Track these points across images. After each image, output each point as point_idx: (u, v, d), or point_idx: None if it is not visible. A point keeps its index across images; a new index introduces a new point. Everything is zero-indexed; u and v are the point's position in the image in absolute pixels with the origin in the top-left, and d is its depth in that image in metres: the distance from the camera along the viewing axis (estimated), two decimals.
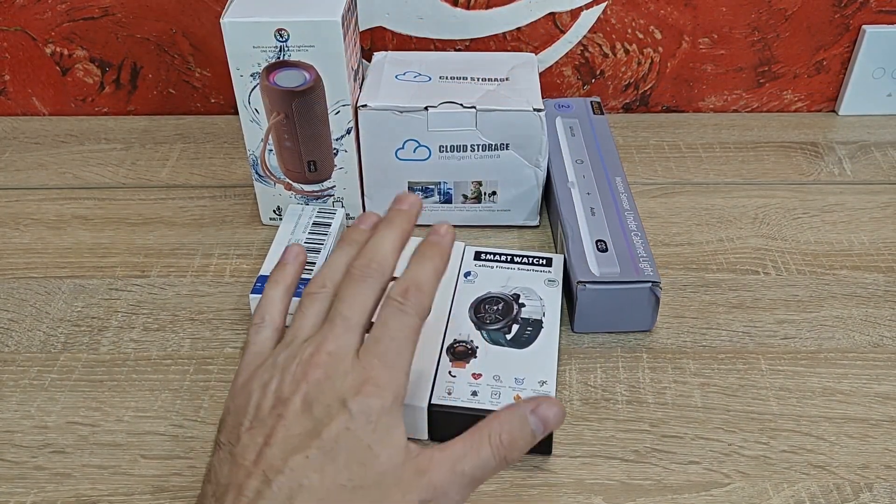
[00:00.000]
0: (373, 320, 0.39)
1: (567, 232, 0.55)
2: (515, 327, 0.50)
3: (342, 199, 0.62)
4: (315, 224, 0.60)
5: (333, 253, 0.42)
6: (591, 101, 0.70)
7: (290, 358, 0.37)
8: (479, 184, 0.61)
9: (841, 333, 0.54)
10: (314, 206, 0.62)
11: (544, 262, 0.55)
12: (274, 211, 0.63)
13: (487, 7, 0.72)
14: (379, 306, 0.39)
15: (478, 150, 0.59)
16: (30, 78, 0.77)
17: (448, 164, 0.60)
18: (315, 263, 0.56)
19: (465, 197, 0.62)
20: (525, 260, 0.56)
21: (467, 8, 0.72)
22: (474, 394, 0.46)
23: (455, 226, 0.63)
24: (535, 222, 0.63)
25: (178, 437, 0.47)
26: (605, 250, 0.53)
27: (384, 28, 0.74)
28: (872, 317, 0.55)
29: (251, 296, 0.53)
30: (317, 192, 0.62)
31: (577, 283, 0.52)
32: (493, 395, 0.46)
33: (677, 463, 0.46)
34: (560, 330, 0.51)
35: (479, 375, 0.47)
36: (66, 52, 0.76)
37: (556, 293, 0.53)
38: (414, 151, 0.59)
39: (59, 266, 0.60)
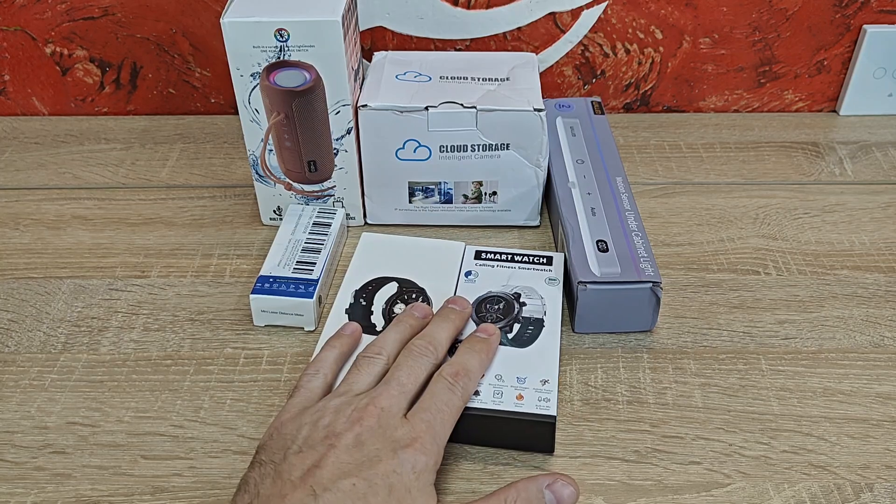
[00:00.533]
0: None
1: (568, 232, 0.55)
2: (517, 326, 0.50)
3: (342, 199, 0.62)
4: (315, 224, 0.60)
5: (389, 329, 0.48)
6: (592, 101, 0.70)
7: (345, 404, 0.41)
8: (480, 184, 0.61)
9: (842, 333, 0.54)
10: (314, 206, 0.62)
11: (545, 260, 0.55)
12: (274, 211, 0.63)
13: (488, 7, 0.72)
14: (430, 382, 0.44)
15: (478, 150, 0.59)
16: (30, 78, 0.77)
17: (448, 164, 0.60)
18: (315, 263, 0.56)
19: (466, 197, 0.62)
20: (526, 259, 0.55)
21: (467, 8, 0.72)
22: (476, 393, 0.46)
23: (455, 226, 0.63)
24: (536, 222, 0.63)
25: (178, 437, 0.47)
26: (606, 250, 0.53)
27: (384, 28, 0.74)
28: (873, 317, 0.55)
29: (251, 296, 0.53)
30: (317, 192, 0.62)
31: (578, 283, 0.51)
32: (495, 394, 0.46)
33: (678, 463, 0.46)
34: (561, 329, 0.51)
35: (483, 376, 0.47)
36: (66, 52, 0.76)
37: (557, 292, 0.53)
38: (414, 151, 0.59)
39: (59, 266, 0.60)
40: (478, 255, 0.56)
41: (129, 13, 0.73)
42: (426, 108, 0.58)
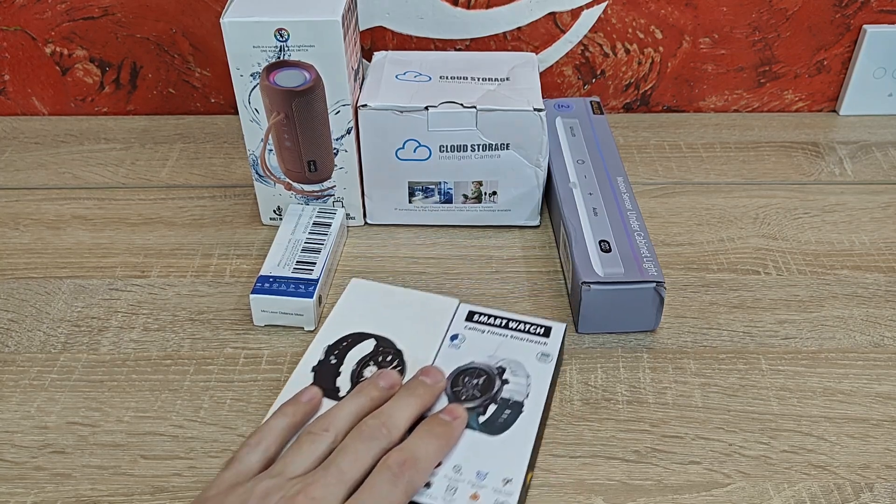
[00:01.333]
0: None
1: (570, 232, 0.55)
2: (492, 408, 0.45)
3: (342, 199, 0.62)
4: (315, 224, 0.60)
5: (345, 400, 0.43)
6: (591, 101, 0.70)
7: (275, 489, 0.37)
8: (480, 184, 0.61)
9: (842, 333, 0.54)
10: (314, 206, 0.62)
11: (542, 331, 0.49)
12: (274, 211, 0.63)
13: (488, 7, 0.72)
14: (374, 470, 0.39)
15: (478, 150, 0.59)
16: (30, 78, 0.77)
17: (448, 163, 0.60)
18: (315, 263, 0.56)
19: (466, 197, 0.62)
20: (521, 327, 0.50)
21: (467, 7, 0.72)
22: (427, 485, 0.41)
23: (455, 226, 0.63)
24: (536, 222, 0.63)
25: (178, 437, 0.47)
26: (609, 250, 0.53)
27: (384, 28, 0.74)
28: (873, 317, 0.55)
29: (251, 296, 0.53)
30: (317, 192, 0.62)
31: (582, 283, 0.51)
32: (448, 489, 0.41)
33: (678, 463, 0.46)
34: (544, 416, 0.46)
35: (439, 463, 0.42)
36: (66, 51, 0.76)
37: (548, 370, 0.47)
38: (414, 151, 0.59)
39: (59, 266, 0.60)
40: (470, 316, 0.50)
41: (129, 13, 0.73)
42: (426, 108, 0.58)
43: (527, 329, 0.49)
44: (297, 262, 0.56)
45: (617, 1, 0.72)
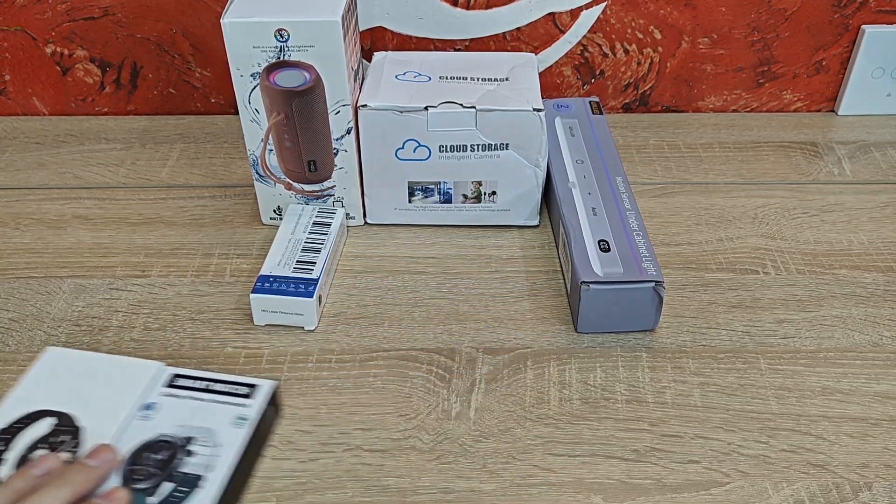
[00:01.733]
0: None
1: (569, 232, 0.55)
2: (168, 487, 0.39)
3: (342, 198, 0.62)
4: (315, 224, 0.60)
5: None
6: (590, 101, 0.70)
7: None
8: (479, 184, 0.61)
9: (840, 333, 0.54)
10: (314, 205, 0.62)
11: (245, 391, 0.43)
12: (274, 211, 0.63)
13: (487, 7, 0.73)
14: None
15: (478, 150, 0.59)
16: (30, 78, 0.77)
17: (448, 163, 0.60)
18: (315, 263, 0.56)
19: (465, 197, 0.62)
20: (228, 388, 0.43)
21: (467, 8, 0.73)
22: None
23: (455, 226, 0.63)
24: (535, 222, 0.63)
25: None
26: (608, 250, 0.54)
27: (384, 28, 0.74)
28: (872, 316, 0.55)
29: (251, 295, 0.53)
30: (317, 191, 0.62)
31: (581, 283, 0.52)
32: None
33: (677, 462, 0.46)
34: (227, 489, 0.40)
35: None
36: (66, 52, 0.76)
37: (239, 436, 0.41)
38: (414, 151, 0.60)
39: (60, 266, 0.60)
40: (174, 381, 0.44)
41: (129, 13, 0.73)
42: (426, 108, 0.58)
43: (229, 391, 0.43)
44: (298, 261, 0.56)
45: (616, 1, 0.72)
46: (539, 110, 0.58)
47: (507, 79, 0.61)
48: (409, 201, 0.62)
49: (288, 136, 0.59)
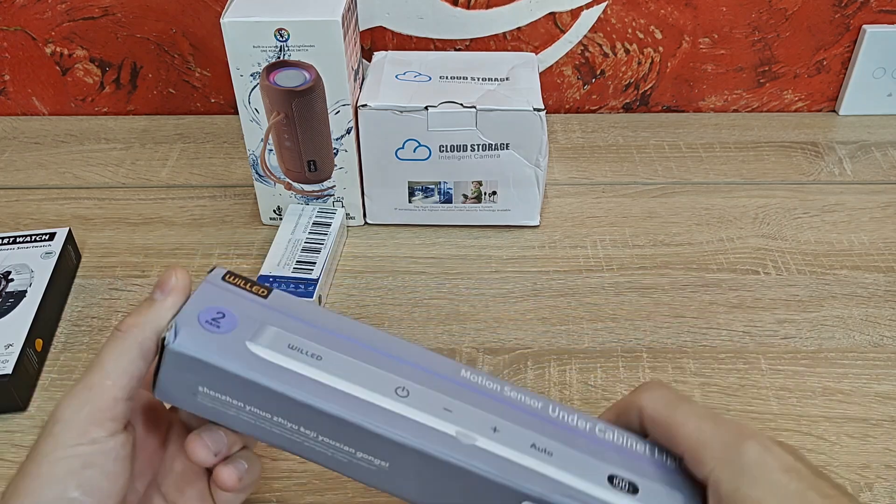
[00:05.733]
0: None
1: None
2: None
3: (342, 198, 0.62)
4: (315, 224, 0.60)
5: None
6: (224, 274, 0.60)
7: None
8: (479, 184, 0.61)
9: (841, 333, 0.54)
10: (314, 205, 0.62)
11: (47, 237, 0.58)
12: (274, 211, 0.63)
13: (487, 7, 0.72)
14: None
15: (478, 150, 0.59)
16: (30, 78, 0.77)
17: (448, 163, 0.60)
18: (315, 263, 0.56)
19: (465, 197, 0.62)
20: (28, 238, 0.58)
21: (467, 8, 0.73)
22: None
23: (455, 226, 0.63)
24: (535, 222, 0.63)
25: None
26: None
27: (384, 28, 0.74)
28: (872, 316, 0.55)
29: None
30: (317, 191, 0.62)
31: None
32: None
33: None
34: (45, 296, 0.54)
35: None
36: (66, 51, 0.76)
37: (50, 263, 0.55)
38: (414, 151, 0.60)
39: None
40: None
41: (129, 13, 0.73)
42: (426, 108, 0.58)
43: (33, 239, 0.58)
44: (297, 261, 0.56)
45: (617, 1, 0.72)
46: (539, 110, 0.57)
47: (507, 79, 0.61)
48: (409, 201, 0.62)
49: (288, 135, 0.59)
